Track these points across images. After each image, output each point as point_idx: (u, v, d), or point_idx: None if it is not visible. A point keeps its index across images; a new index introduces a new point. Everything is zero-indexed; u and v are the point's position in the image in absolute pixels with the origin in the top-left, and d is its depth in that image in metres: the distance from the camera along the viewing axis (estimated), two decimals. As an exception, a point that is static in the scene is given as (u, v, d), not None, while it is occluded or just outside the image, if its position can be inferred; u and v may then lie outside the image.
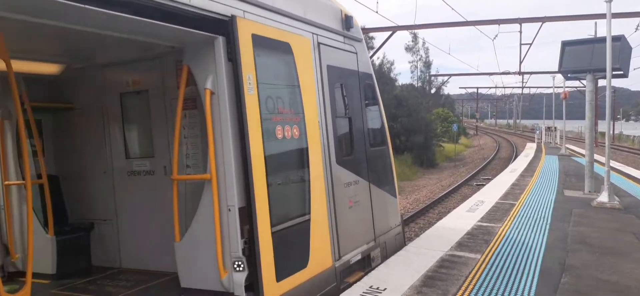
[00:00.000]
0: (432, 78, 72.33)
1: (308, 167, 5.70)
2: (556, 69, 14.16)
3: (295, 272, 5.30)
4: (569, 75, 14.77)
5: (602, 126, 43.33)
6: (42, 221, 6.25)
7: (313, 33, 6.22)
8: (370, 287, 5.84)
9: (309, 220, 5.61)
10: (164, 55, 6.00)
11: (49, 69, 6.41)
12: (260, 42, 5.07)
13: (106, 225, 6.91)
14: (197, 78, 5.00)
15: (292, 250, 5.36)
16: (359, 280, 6.23)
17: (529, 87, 76.90)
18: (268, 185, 4.97)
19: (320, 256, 5.81)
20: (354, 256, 6.64)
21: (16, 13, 3.87)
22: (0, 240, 6.39)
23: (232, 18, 4.78)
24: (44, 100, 6.86)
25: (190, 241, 5.22)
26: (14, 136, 6.26)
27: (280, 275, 5.02)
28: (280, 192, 5.31)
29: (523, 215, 10.46)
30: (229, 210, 4.85)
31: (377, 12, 22.74)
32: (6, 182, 6.23)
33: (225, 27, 4.79)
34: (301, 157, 5.66)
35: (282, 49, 5.51)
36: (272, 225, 4.97)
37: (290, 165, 5.59)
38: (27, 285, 4.76)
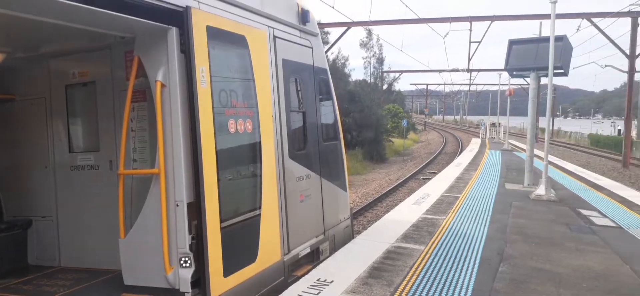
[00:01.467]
0: (384, 74, 73.63)
1: (260, 161, 5.71)
2: (503, 67, 14.46)
3: (243, 267, 5.31)
4: (514, 73, 15.16)
5: (544, 122, 45.32)
6: None
7: (269, 26, 6.22)
8: (318, 280, 5.95)
9: (259, 215, 5.62)
10: (114, 45, 5.85)
11: None
12: (215, 35, 5.02)
13: (45, 222, 6.66)
14: (148, 70, 4.89)
15: (241, 245, 5.36)
16: (307, 273, 6.31)
17: (477, 84, 79.43)
18: (218, 180, 4.94)
19: (269, 251, 5.84)
20: (303, 249, 6.73)
21: None
22: None
23: (187, 9, 4.68)
24: None
25: (135, 238, 5.13)
26: None
27: (227, 271, 5.02)
28: (231, 187, 5.29)
29: (466, 208, 10.88)
30: (177, 205, 4.79)
31: (333, 7, 22.94)
32: None
33: (179, 17, 4.69)
34: (254, 151, 5.67)
35: (237, 41, 5.47)
36: (221, 221, 4.95)
37: (242, 159, 5.58)
38: None
